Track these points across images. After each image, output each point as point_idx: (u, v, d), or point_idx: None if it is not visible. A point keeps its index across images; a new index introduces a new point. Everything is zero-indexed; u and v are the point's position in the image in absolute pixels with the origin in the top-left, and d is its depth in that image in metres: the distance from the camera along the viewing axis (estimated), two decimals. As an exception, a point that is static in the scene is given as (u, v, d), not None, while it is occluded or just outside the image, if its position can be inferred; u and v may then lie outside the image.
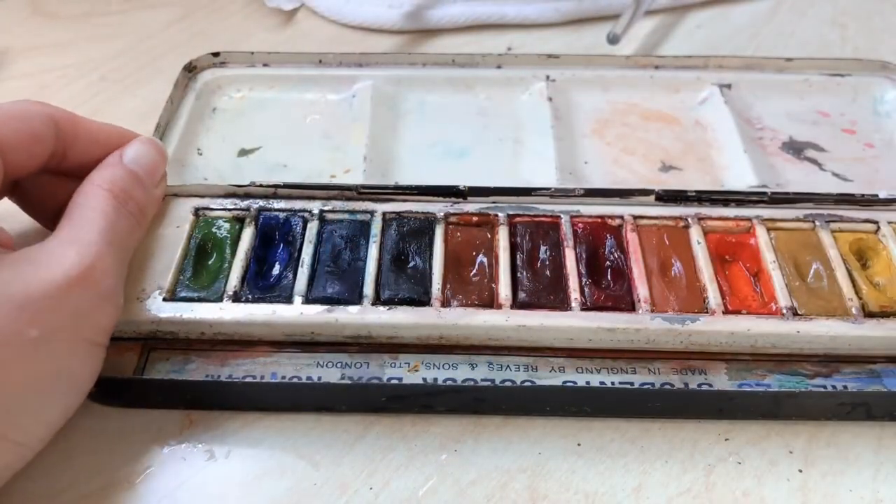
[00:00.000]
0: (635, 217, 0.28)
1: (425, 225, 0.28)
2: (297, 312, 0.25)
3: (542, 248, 0.27)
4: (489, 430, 0.25)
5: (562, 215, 0.28)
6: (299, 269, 0.26)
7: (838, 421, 0.25)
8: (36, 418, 0.22)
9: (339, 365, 0.25)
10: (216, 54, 0.36)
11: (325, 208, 0.29)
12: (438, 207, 0.29)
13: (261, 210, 0.29)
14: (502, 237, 0.28)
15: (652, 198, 0.29)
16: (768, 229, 0.28)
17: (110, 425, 0.25)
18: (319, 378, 0.25)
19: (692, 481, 0.24)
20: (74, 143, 0.26)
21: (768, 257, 0.27)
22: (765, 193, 0.29)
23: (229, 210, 0.29)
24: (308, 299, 0.26)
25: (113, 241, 0.24)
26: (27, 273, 0.22)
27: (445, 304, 0.26)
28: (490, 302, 0.26)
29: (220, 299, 0.26)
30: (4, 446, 0.21)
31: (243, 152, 0.33)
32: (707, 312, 0.26)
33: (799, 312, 0.26)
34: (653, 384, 0.25)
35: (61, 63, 0.41)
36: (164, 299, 0.26)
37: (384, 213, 0.28)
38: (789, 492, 0.24)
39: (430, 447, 0.25)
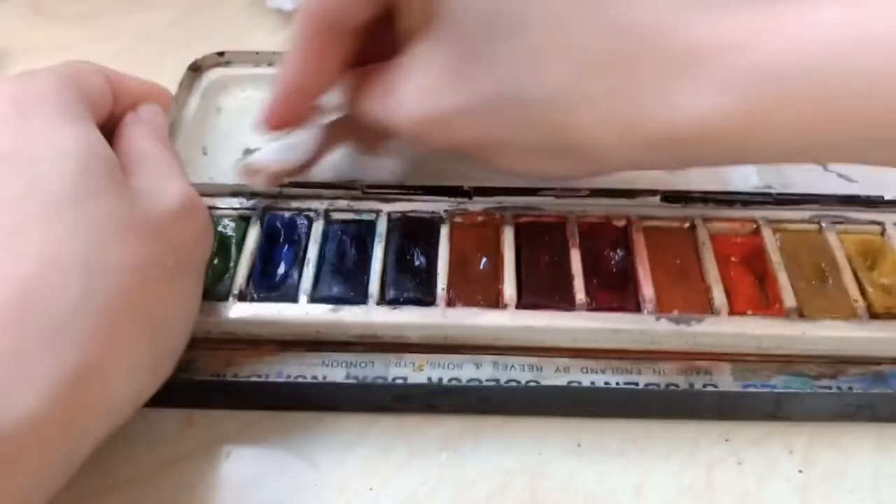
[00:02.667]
0: (641, 218, 0.28)
1: (430, 224, 0.28)
2: (302, 312, 0.25)
3: (548, 248, 0.27)
4: (489, 430, 0.25)
5: (567, 215, 0.28)
6: (305, 268, 0.27)
7: (843, 422, 0.25)
8: (173, 347, 0.23)
9: (344, 364, 0.25)
10: (221, 54, 0.36)
11: (331, 208, 0.29)
12: (443, 207, 0.29)
13: (266, 209, 0.29)
14: (507, 237, 0.28)
15: (657, 198, 0.29)
16: (774, 230, 0.28)
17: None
18: (325, 377, 0.25)
19: (692, 481, 0.24)
20: (118, 101, 0.26)
21: (774, 258, 0.27)
22: (770, 194, 0.29)
23: (235, 209, 0.29)
24: (313, 299, 0.26)
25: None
26: (149, 203, 0.22)
27: (450, 304, 0.26)
28: (495, 302, 0.26)
29: (225, 298, 0.26)
30: (150, 376, 0.22)
31: (248, 152, 0.33)
32: (712, 313, 0.26)
33: (804, 314, 0.25)
34: (658, 384, 0.25)
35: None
36: (170, 298, 0.26)
37: (389, 213, 0.28)
38: (789, 492, 0.24)
39: (430, 447, 0.25)
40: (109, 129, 0.25)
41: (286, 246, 0.28)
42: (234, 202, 0.29)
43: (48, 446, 0.18)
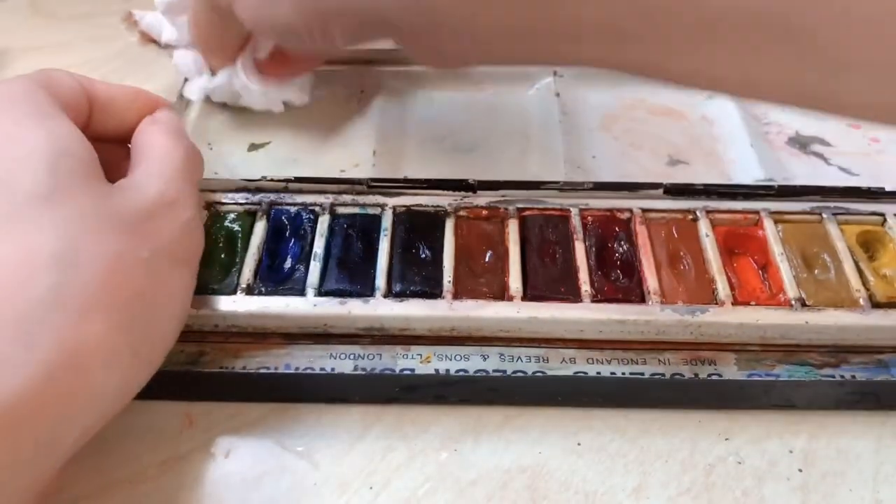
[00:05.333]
0: (644, 210, 0.29)
1: (435, 218, 0.28)
2: (310, 305, 0.25)
3: (552, 241, 0.28)
4: (489, 429, 0.25)
5: (571, 209, 0.29)
6: (311, 262, 0.27)
7: (846, 410, 0.25)
8: (158, 336, 0.23)
9: (352, 357, 0.25)
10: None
11: (336, 202, 0.29)
12: (448, 201, 0.29)
13: (272, 204, 0.29)
14: (512, 230, 0.28)
15: (660, 191, 0.29)
16: (776, 222, 0.28)
17: (110, 426, 0.25)
18: (333, 370, 0.25)
19: (692, 481, 0.24)
20: (95, 108, 0.26)
21: (776, 249, 0.27)
22: (772, 186, 0.29)
23: (241, 204, 0.29)
24: (321, 292, 0.26)
25: (186, 175, 0.25)
26: (125, 199, 0.23)
27: (457, 296, 0.26)
28: (501, 294, 0.26)
29: (233, 292, 0.26)
30: (137, 364, 0.22)
31: (253, 147, 0.33)
32: (716, 304, 0.26)
33: (807, 303, 0.26)
34: (663, 374, 0.25)
35: (61, 63, 0.40)
36: (178, 292, 0.26)
37: (394, 207, 0.29)
38: (789, 492, 0.24)
39: (430, 447, 0.25)
40: (92, 134, 0.25)
41: (292, 240, 0.28)
42: (240, 197, 0.29)
43: (22, 433, 0.19)
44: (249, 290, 0.26)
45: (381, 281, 0.26)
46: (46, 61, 0.40)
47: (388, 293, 0.26)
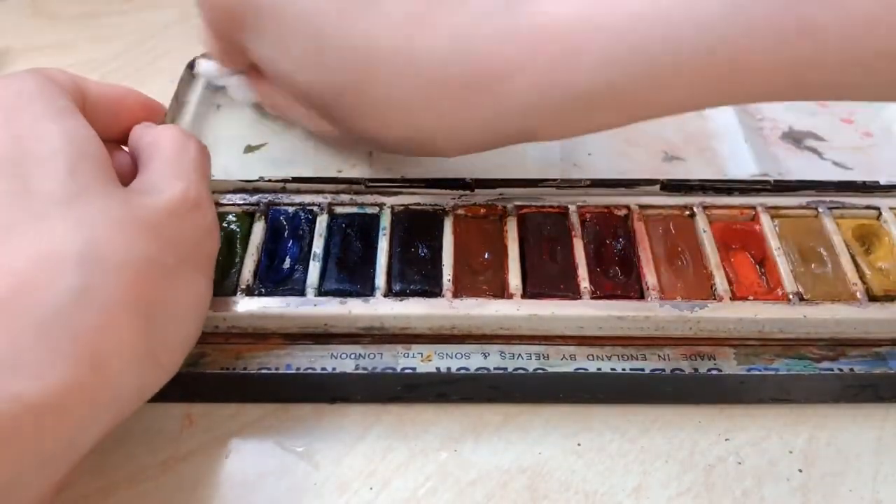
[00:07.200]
0: (641, 207, 0.29)
1: (434, 217, 0.28)
2: (310, 305, 0.25)
3: (551, 239, 0.28)
4: (489, 429, 0.25)
5: (569, 206, 0.29)
6: (311, 262, 0.27)
7: (846, 410, 0.25)
8: (177, 341, 0.23)
9: (353, 356, 0.25)
10: (219, 52, 0.36)
11: (334, 202, 0.29)
12: (446, 200, 0.29)
13: (270, 204, 0.29)
14: (511, 228, 0.28)
15: (657, 187, 0.29)
16: (772, 217, 0.28)
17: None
18: (334, 369, 0.25)
19: (692, 481, 0.24)
20: (87, 106, 0.26)
21: (773, 244, 0.27)
22: (768, 182, 0.29)
23: (239, 205, 0.29)
24: (321, 292, 0.26)
25: (202, 174, 0.25)
26: (145, 201, 0.22)
27: (457, 294, 0.26)
28: (501, 292, 0.26)
29: (233, 293, 0.26)
30: (154, 369, 0.22)
31: (249, 149, 0.33)
32: (715, 299, 0.26)
33: (805, 297, 0.26)
34: (663, 370, 0.25)
35: (62, 63, 0.40)
36: (178, 294, 0.26)
37: (392, 206, 0.29)
38: (789, 492, 0.24)
39: (430, 447, 0.25)
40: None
41: (291, 240, 0.28)
42: (237, 198, 0.29)
43: (44, 433, 0.19)
44: (249, 291, 0.26)
45: (380, 280, 0.26)
46: (47, 61, 0.40)
47: (388, 292, 0.26)
